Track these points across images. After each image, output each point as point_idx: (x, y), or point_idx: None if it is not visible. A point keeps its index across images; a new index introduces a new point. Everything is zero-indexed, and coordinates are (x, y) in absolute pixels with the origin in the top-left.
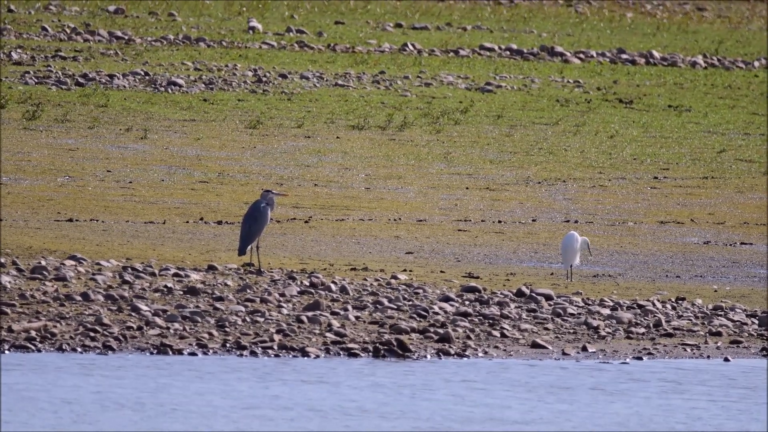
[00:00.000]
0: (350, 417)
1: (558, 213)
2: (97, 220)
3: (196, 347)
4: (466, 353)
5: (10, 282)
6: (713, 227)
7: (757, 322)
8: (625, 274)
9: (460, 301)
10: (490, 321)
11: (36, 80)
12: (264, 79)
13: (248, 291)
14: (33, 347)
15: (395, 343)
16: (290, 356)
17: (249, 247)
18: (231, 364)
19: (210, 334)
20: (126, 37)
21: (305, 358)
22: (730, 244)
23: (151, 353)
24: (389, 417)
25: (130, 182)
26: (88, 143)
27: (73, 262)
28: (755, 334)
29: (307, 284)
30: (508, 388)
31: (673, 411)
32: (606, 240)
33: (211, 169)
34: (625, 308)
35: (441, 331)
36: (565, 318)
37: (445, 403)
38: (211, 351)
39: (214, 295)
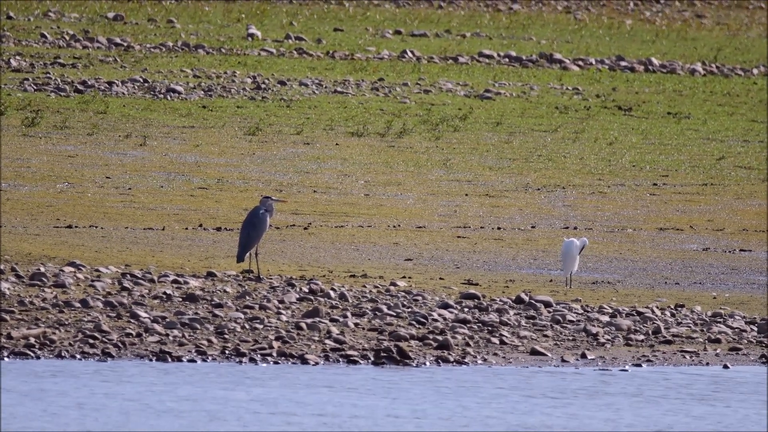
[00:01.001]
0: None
1: (557, 219)
2: (96, 227)
3: (195, 354)
4: (465, 360)
5: (9, 288)
6: (712, 234)
7: (756, 329)
8: (624, 281)
9: (459, 308)
10: (489, 328)
11: (35, 87)
12: (263, 85)
13: (247, 298)
14: (32, 354)
15: (395, 350)
16: (289, 363)
17: (248, 253)
18: (230, 371)
19: (209, 341)
20: (125, 44)
21: (304, 365)
22: (730, 251)
23: (150, 360)
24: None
25: (129, 189)
26: (87, 150)
27: (72, 269)
28: (754, 341)
29: (306, 291)
30: (511, 394)
31: (671, 418)
32: (605, 247)
33: (210, 175)
34: (624, 315)
35: (440, 338)
36: (565, 325)
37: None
38: (210, 358)
39: (213, 302)
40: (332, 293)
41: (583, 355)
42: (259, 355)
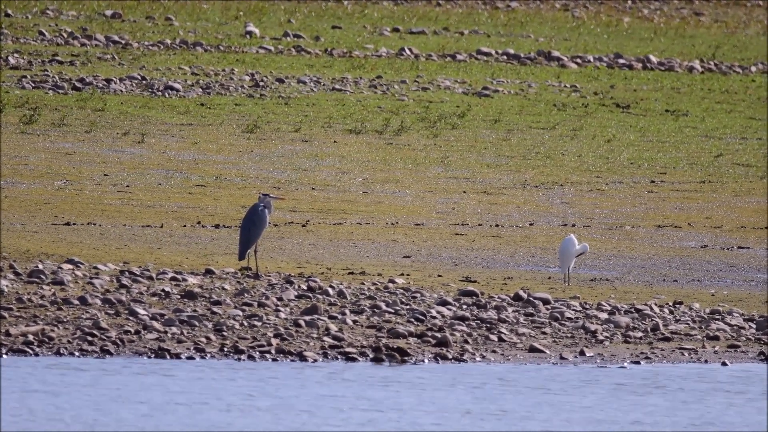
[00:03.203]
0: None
1: (555, 217)
2: (95, 224)
3: (193, 351)
4: (464, 357)
5: (7, 286)
6: (710, 231)
7: (754, 326)
8: (623, 278)
9: (457, 305)
10: (488, 325)
11: (33, 84)
12: (261, 83)
13: (246, 295)
14: (31, 351)
15: (393, 348)
16: (288, 360)
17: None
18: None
19: (207, 338)
20: (123, 42)
21: (303, 362)
22: (728, 248)
23: (149, 357)
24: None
25: (128, 186)
26: (86, 147)
27: (70, 266)
28: (753, 338)
29: (305, 288)
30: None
31: (671, 416)
32: (603, 244)
33: (209, 173)
34: (622, 312)
35: (438, 335)
36: (563, 322)
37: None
38: (208, 355)
39: (211, 299)
40: (331, 290)
41: (582, 353)
42: (257, 353)
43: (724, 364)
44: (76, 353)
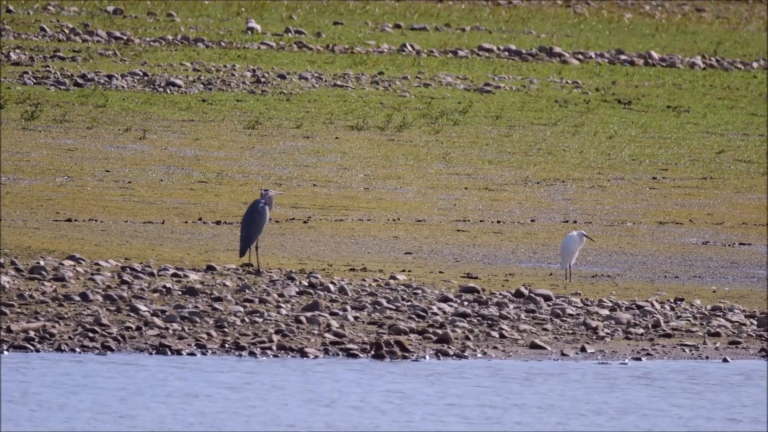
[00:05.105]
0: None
1: (557, 213)
2: (96, 220)
3: (195, 347)
4: (465, 354)
5: (8, 282)
6: (712, 228)
7: (755, 322)
8: (624, 274)
9: (458, 301)
10: (489, 322)
11: (34, 80)
12: (263, 79)
13: (247, 291)
14: (32, 347)
15: (394, 344)
16: (289, 357)
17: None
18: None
19: (209, 334)
20: (125, 38)
21: (304, 358)
22: (729, 245)
23: (150, 353)
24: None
25: (129, 182)
26: (87, 143)
27: (71, 262)
28: (754, 334)
29: (306, 284)
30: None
31: (673, 412)
32: (605, 240)
33: (210, 169)
34: (623, 309)
35: (440, 331)
36: (564, 318)
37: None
38: (209, 351)
39: (212, 296)
40: (332, 287)
41: (583, 349)
42: (258, 349)
43: (725, 360)
44: (77, 349)
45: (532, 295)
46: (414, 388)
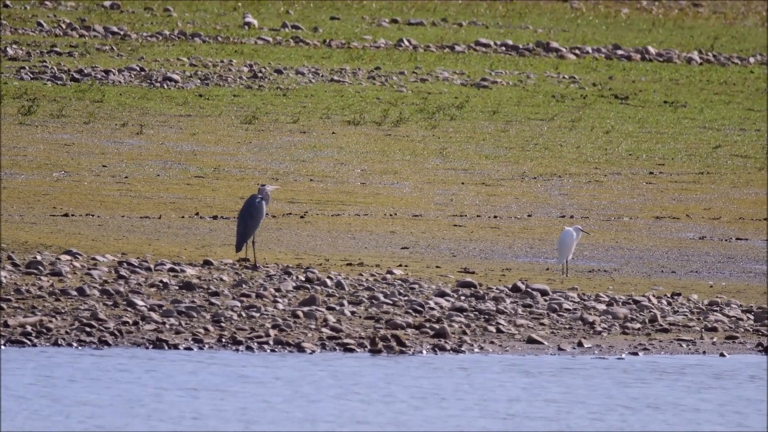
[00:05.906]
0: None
1: (553, 208)
2: (93, 215)
3: (191, 342)
4: (462, 349)
5: (5, 277)
6: (709, 223)
7: (752, 317)
8: (621, 269)
9: (455, 296)
10: (486, 316)
11: (31, 76)
12: (259, 74)
13: (244, 286)
14: (29, 342)
15: (391, 339)
16: (286, 351)
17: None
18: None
19: (206, 329)
20: (121, 33)
21: (301, 353)
22: (726, 240)
23: (147, 348)
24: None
25: (126, 177)
26: (84, 138)
27: (68, 257)
28: (751, 329)
29: (303, 279)
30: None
31: (668, 408)
32: (601, 235)
33: (207, 164)
34: (620, 304)
35: (437, 326)
36: (561, 313)
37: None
38: (206, 346)
39: (209, 290)
40: (329, 281)
41: (580, 344)
42: (255, 344)
43: (722, 355)
44: (74, 344)
45: (529, 289)
46: (410, 383)
